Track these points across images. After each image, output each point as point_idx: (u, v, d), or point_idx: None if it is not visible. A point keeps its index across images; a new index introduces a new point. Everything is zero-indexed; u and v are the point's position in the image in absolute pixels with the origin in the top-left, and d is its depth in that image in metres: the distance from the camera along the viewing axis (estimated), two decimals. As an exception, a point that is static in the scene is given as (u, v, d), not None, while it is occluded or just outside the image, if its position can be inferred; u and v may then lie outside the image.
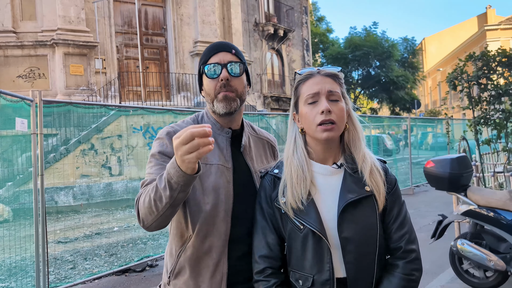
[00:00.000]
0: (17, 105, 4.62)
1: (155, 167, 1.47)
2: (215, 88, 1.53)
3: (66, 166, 9.46)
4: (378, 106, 35.41)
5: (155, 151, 1.51)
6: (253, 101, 17.54)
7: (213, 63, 1.53)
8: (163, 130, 1.57)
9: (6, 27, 12.53)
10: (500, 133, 5.88)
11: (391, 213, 1.41)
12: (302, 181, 1.38)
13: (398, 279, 1.36)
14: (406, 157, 14.25)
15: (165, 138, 1.53)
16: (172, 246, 1.55)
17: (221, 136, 1.58)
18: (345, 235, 1.33)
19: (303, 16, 23.49)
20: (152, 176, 1.44)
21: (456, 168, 3.79)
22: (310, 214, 1.35)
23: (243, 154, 1.61)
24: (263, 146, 1.73)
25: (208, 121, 1.61)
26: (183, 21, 14.89)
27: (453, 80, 6.07)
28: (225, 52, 1.55)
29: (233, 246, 1.50)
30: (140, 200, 1.36)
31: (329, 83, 1.38)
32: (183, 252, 1.50)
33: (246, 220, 1.52)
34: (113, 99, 13.01)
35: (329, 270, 1.33)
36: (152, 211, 1.30)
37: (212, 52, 1.55)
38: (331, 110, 1.33)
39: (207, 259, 1.48)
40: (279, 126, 12.36)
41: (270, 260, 1.42)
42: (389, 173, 1.45)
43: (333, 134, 1.35)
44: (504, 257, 3.71)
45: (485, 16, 41.65)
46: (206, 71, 1.54)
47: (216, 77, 1.52)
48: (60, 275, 5.14)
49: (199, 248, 1.48)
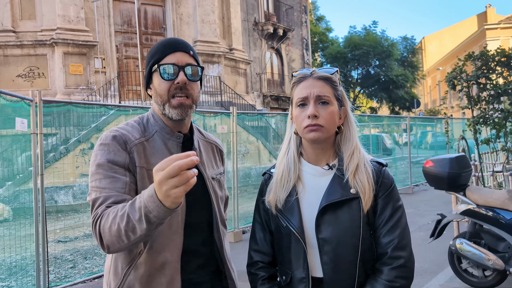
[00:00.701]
0: (17, 104, 4.63)
1: (106, 180, 1.31)
2: (168, 90, 1.40)
3: (66, 166, 9.46)
4: (378, 105, 35.43)
5: (103, 161, 1.33)
6: (252, 100, 17.55)
7: (170, 64, 1.40)
8: (107, 134, 1.39)
9: (6, 27, 12.53)
10: (499, 133, 5.89)
11: (382, 217, 1.38)
12: (286, 182, 1.42)
13: (381, 285, 1.33)
14: (405, 156, 14.26)
15: (112, 144, 1.36)
16: (118, 263, 1.39)
17: (171, 141, 1.46)
18: (322, 236, 1.34)
19: (302, 15, 23.49)
20: (105, 192, 1.29)
21: (455, 167, 3.80)
22: (293, 213, 1.39)
23: None
24: (212, 150, 1.64)
25: (155, 124, 1.46)
26: (183, 21, 14.89)
27: (453, 79, 6.09)
28: (183, 52, 1.42)
29: (188, 258, 1.42)
30: (103, 226, 1.21)
31: (319, 87, 1.37)
32: (133, 270, 1.36)
33: (200, 230, 1.46)
34: (113, 99, 13.01)
35: (305, 269, 1.37)
36: (121, 240, 1.18)
37: (168, 50, 1.41)
38: (318, 115, 1.34)
39: (160, 276, 1.36)
40: (278, 125, 12.36)
41: (260, 254, 1.49)
42: (385, 176, 1.41)
43: (319, 134, 1.35)
44: (503, 256, 3.72)
45: (485, 15, 41.67)
46: (161, 71, 1.40)
47: (172, 79, 1.39)
48: (60, 274, 5.15)
49: (152, 265, 1.36)
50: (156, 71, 1.41)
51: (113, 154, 1.34)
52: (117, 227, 1.17)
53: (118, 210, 1.20)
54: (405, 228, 1.39)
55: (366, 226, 1.36)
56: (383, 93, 31.36)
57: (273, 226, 1.47)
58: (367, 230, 1.37)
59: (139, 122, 1.48)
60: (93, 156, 1.37)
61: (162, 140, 1.44)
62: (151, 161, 1.39)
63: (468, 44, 36.40)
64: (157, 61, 1.41)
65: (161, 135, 1.45)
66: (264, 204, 1.48)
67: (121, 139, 1.37)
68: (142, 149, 1.40)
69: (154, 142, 1.43)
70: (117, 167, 1.33)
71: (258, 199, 1.53)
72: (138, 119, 1.50)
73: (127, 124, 1.46)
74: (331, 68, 1.44)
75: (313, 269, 1.37)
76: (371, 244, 1.38)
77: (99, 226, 1.23)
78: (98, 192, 1.29)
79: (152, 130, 1.45)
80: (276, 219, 1.44)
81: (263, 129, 11.94)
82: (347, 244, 1.33)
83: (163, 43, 1.44)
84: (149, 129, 1.46)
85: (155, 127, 1.46)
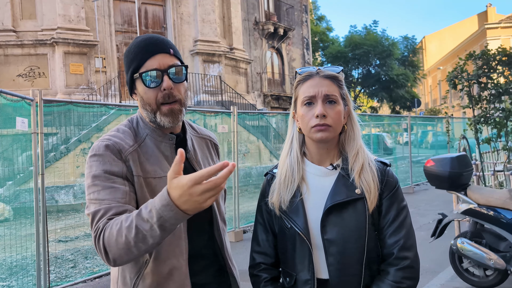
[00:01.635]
0: (18, 104, 4.63)
1: (105, 191, 1.25)
2: (156, 99, 1.33)
3: (67, 165, 9.47)
4: (378, 104, 35.42)
5: (99, 172, 1.27)
6: (253, 100, 17.55)
7: (152, 69, 1.31)
8: (99, 144, 1.33)
9: (6, 26, 12.53)
10: (500, 132, 5.88)
11: (387, 217, 1.36)
12: (290, 183, 1.40)
13: (387, 286, 1.31)
14: (406, 156, 14.25)
15: (105, 154, 1.30)
16: (126, 273, 1.35)
17: (163, 143, 1.40)
18: (328, 237, 1.33)
19: (303, 14, 23.48)
20: (104, 203, 1.23)
21: (456, 167, 3.80)
22: (297, 214, 1.37)
23: (189, 159, 1.43)
24: (206, 146, 1.58)
25: (145, 127, 1.40)
26: (183, 20, 14.89)
27: (453, 79, 6.08)
28: (163, 53, 1.33)
29: (195, 261, 1.40)
30: (108, 239, 1.16)
31: (327, 86, 1.35)
32: (141, 280, 1.32)
33: (202, 231, 1.44)
34: (113, 98, 13.01)
35: (310, 271, 1.35)
36: (130, 252, 1.14)
37: (148, 55, 1.32)
38: (326, 114, 1.32)
39: (170, 284, 1.33)
40: (279, 125, 12.36)
41: (263, 255, 1.47)
42: (389, 175, 1.40)
43: (327, 134, 1.34)
44: (504, 256, 3.71)
45: (486, 15, 41.64)
46: (144, 79, 1.32)
47: (157, 86, 1.32)
48: (61, 274, 5.15)
49: (159, 274, 1.32)
50: (139, 79, 1.34)
51: (108, 165, 1.28)
52: (125, 239, 1.12)
53: (122, 221, 1.15)
54: (410, 228, 1.38)
55: (371, 227, 1.35)
56: (383, 93, 31.34)
57: (276, 227, 1.45)
58: (372, 231, 1.35)
59: (129, 126, 1.42)
60: (87, 168, 1.31)
61: (154, 143, 1.39)
62: (147, 168, 1.35)
63: (469, 43, 36.37)
64: (137, 67, 1.34)
65: (152, 138, 1.40)
66: (267, 205, 1.45)
67: (115, 148, 1.31)
68: (136, 157, 1.35)
69: (146, 147, 1.38)
70: (114, 177, 1.27)
71: (260, 200, 1.50)
72: (128, 123, 1.43)
73: (118, 131, 1.39)
74: (337, 67, 1.42)
75: (318, 270, 1.36)
76: (376, 244, 1.37)
77: (103, 240, 1.18)
78: (98, 205, 1.23)
79: (143, 133, 1.40)
80: (280, 220, 1.42)
81: (264, 128, 11.94)
82: (352, 245, 1.32)
83: (140, 46, 1.34)
84: (140, 133, 1.40)
85: (145, 130, 1.40)
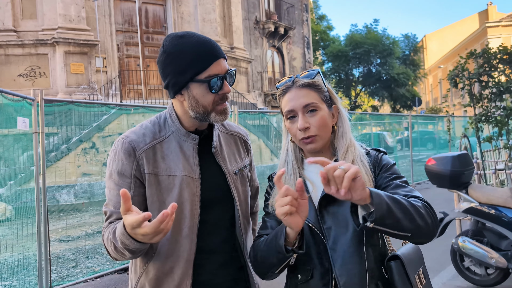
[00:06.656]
0: (19, 104, 4.64)
1: (113, 192, 1.37)
2: (213, 102, 1.36)
3: (68, 165, 9.48)
4: (379, 103, 35.37)
5: (113, 170, 1.37)
6: (254, 99, 17.54)
7: (217, 74, 1.34)
8: (118, 141, 1.40)
9: (7, 26, 12.53)
10: (501, 131, 5.88)
11: (389, 183, 1.35)
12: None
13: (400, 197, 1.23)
14: (407, 155, 14.24)
15: (120, 152, 1.37)
16: (137, 262, 1.44)
17: (187, 143, 1.42)
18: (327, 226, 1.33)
19: (303, 13, 23.46)
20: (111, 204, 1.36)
21: (457, 165, 3.79)
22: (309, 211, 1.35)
23: (214, 155, 1.46)
24: (235, 142, 1.57)
25: (172, 124, 1.43)
26: (184, 19, 14.88)
27: (454, 77, 6.07)
28: (222, 58, 1.36)
29: (208, 257, 1.41)
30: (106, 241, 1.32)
31: (304, 96, 1.35)
32: (145, 272, 1.40)
33: (220, 228, 1.44)
34: (114, 98, 13.01)
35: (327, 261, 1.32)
36: (120, 257, 1.30)
37: (212, 59, 1.34)
38: (309, 125, 1.33)
39: (169, 281, 1.37)
40: (280, 124, 12.34)
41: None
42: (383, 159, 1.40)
43: (315, 145, 1.35)
44: (506, 255, 3.71)
45: (486, 13, 41.56)
46: (211, 85, 1.33)
47: (219, 90, 1.36)
48: (62, 274, 5.15)
49: (160, 269, 1.38)
50: (197, 82, 1.34)
51: (120, 164, 1.36)
52: (110, 248, 1.29)
53: (110, 233, 1.28)
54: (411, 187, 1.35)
55: None
56: (384, 92, 31.30)
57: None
58: None
59: (155, 122, 1.46)
60: (108, 160, 1.41)
61: (178, 142, 1.42)
62: (161, 165, 1.38)
63: (470, 42, 36.30)
64: (199, 72, 1.33)
65: (177, 137, 1.42)
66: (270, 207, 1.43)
67: (130, 146, 1.37)
68: (152, 154, 1.38)
69: (169, 143, 1.41)
70: (124, 177, 1.36)
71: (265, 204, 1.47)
72: (155, 119, 1.47)
73: (141, 126, 1.44)
74: (312, 70, 1.40)
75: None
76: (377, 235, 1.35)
77: (103, 239, 1.34)
78: (107, 204, 1.38)
79: (168, 130, 1.43)
80: None
81: (265, 127, 11.94)
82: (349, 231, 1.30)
83: (200, 50, 1.33)
84: (166, 129, 1.44)
85: (171, 128, 1.43)
